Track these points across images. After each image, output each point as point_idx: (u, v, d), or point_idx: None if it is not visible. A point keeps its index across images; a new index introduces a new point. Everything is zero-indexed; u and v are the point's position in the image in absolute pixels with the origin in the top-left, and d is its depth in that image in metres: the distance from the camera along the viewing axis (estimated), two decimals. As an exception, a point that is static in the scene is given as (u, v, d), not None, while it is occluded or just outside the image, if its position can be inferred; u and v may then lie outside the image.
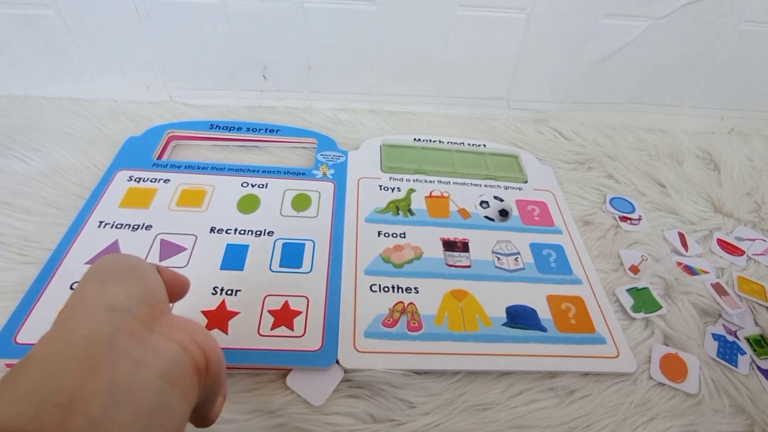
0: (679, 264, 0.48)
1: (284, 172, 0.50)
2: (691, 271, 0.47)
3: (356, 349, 0.36)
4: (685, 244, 0.50)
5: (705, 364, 0.39)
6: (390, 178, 0.52)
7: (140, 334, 0.19)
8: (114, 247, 0.40)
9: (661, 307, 0.43)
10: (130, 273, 0.21)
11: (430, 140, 0.58)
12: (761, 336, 0.42)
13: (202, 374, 0.20)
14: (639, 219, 0.52)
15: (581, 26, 0.56)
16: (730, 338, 0.41)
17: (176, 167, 0.49)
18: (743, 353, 0.40)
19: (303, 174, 0.50)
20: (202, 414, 0.24)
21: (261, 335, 0.36)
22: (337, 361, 0.35)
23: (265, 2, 0.52)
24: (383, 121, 0.61)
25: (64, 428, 0.15)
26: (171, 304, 0.35)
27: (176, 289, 0.25)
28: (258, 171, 0.50)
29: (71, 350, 0.17)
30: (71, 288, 0.37)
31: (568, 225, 0.49)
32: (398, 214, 0.47)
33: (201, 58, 0.56)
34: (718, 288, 0.45)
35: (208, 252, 0.41)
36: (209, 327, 0.35)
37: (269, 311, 0.37)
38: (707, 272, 0.47)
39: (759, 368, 0.39)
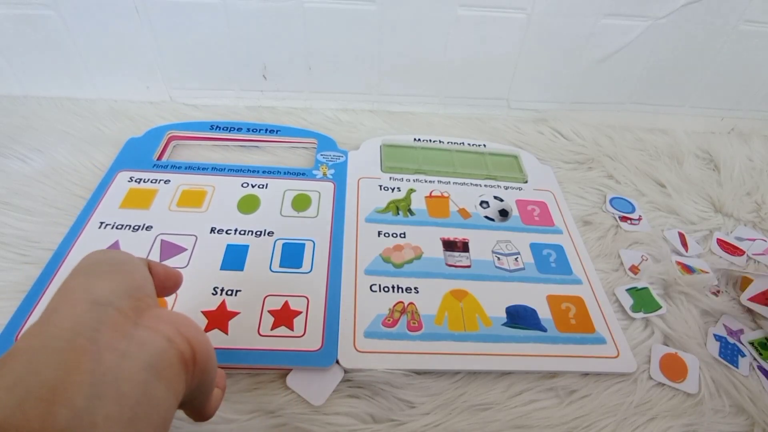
0: (679, 264, 0.48)
1: (284, 173, 0.50)
2: (690, 270, 0.47)
3: (356, 349, 0.36)
4: (685, 244, 0.50)
5: (705, 364, 0.39)
6: (390, 178, 0.52)
7: (124, 327, 0.19)
8: (114, 248, 0.40)
9: (660, 307, 0.43)
10: (116, 268, 0.21)
11: (430, 140, 0.58)
12: (767, 339, 0.41)
13: (188, 366, 0.20)
14: (639, 219, 0.52)
15: (581, 26, 0.56)
16: (731, 340, 0.41)
17: (176, 168, 0.49)
18: (743, 355, 0.40)
19: (303, 174, 0.50)
20: (197, 407, 0.24)
21: (261, 335, 0.36)
22: (337, 361, 0.35)
23: (265, 2, 0.52)
24: (383, 121, 0.61)
25: (48, 421, 0.15)
26: (174, 298, 0.36)
27: (168, 283, 0.25)
28: (258, 171, 0.50)
29: (54, 344, 0.17)
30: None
31: (568, 225, 0.49)
32: (398, 214, 0.48)
33: (201, 58, 0.56)
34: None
35: (209, 252, 0.41)
36: (209, 327, 0.35)
37: (269, 311, 0.37)
38: (707, 272, 0.47)
39: (760, 368, 0.39)
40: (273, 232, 0.43)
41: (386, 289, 0.40)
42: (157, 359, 0.19)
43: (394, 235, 0.45)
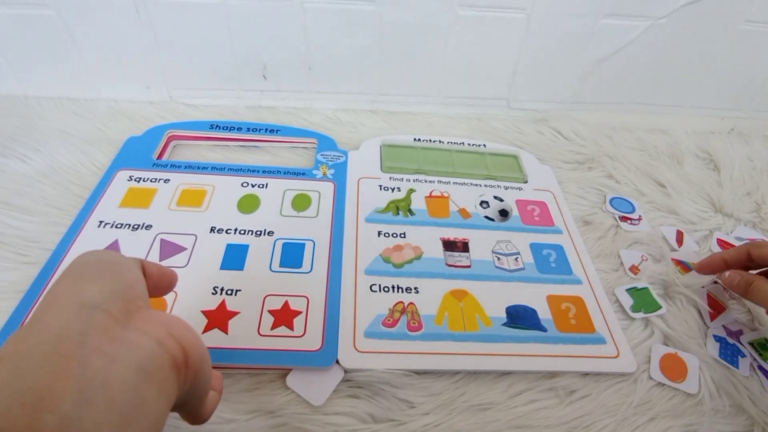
0: (674, 260, 0.48)
1: (284, 172, 0.50)
2: (685, 266, 0.47)
3: (356, 349, 0.36)
4: (679, 241, 0.50)
5: (705, 364, 0.39)
6: (390, 178, 0.52)
7: (114, 330, 0.19)
8: (114, 247, 0.40)
9: (660, 307, 0.43)
10: (107, 269, 0.21)
11: (430, 140, 0.58)
12: (766, 339, 0.41)
13: (180, 369, 0.20)
14: (639, 219, 0.52)
15: (581, 26, 0.56)
16: (731, 340, 0.41)
17: (176, 167, 0.49)
18: (743, 355, 0.40)
19: (303, 174, 0.50)
20: (192, 410, 0.23)
21: (261, 335, 0.36)
22: (337, 361, 0.35)
23: (265, 2, 0.52)
24: (383, 121, 0.61)
25: (34, 427, 0.15)
26: (174, 297, 0.36)
27: (162, 283, 0.25)
28: (258, 171, 0.50)
29: (40, 348, 0.17)
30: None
31: (568, 225, 0.49)
32: (398, 214, 0.47)
33: (201, 58, 0.56)
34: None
35: (208, 252, 0.41)
36: (209, 327, 0.35)
37: (269, 311, 0.37)
38: None
39: (761, 368, 0.39)
40: (273, 232, 0.43)
41: (386, 289, 0.40)
42: (148, 362, 0.19)
43: (394, 235, 0.45)
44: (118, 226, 0.42)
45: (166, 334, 0.20)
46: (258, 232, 0.43)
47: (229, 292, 0.38)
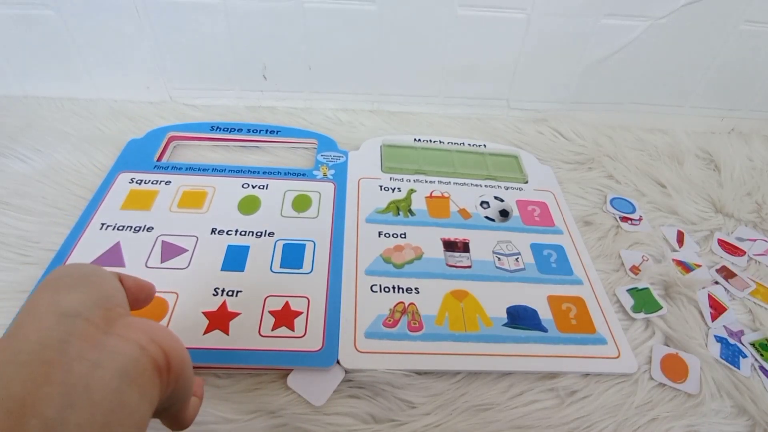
0: (675, 261, 0.48)
1: (285, 173, 0.50)
2: (687, 267, 0.47)
3: (357, 349, 0.36)
4: (680, 241, 0.50)
5: (706, 365, 0.39)
6: (390, 178, 0.52)
7: (95, 337, 0.19)
8: (116, 249, 0.40)
9: (661, 308, 0.43)
10: (84, 279, 0.21)
11: (430, 140, 0.58)
12: (767, 340, 0.41)
13: (162, 373, 0.20)
14: (639, 219, 0.52)
15: (581, 26, 0.56)
16: (732, 341, 0.41)
17: (177, 169, 0.49)
18: (744, 356, 0.40)
19: (303, 175, 0.50)
20: (174, 415, 0.24)
21: (262, 336, 0.36)
22: (338, 362, 0.35)
23: (265, 2, 0.52)
24: (383, 121, 0.61)
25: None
26: (175, 299, 0.36)
27: (141, 295, 0.25)
28: (258, 172, 0.50)
29: (21, 357, 0.17)
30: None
31: (568, 225, 0.49)
32: (399, 214, 0.47)
33: (201, 58, 0.56)
34: (724, 271, 0.45)
35: (209, 253, 0.41)
36: (210, 328, 0.35)
37: (270, 312, 0.37)
38: (700, 265, 0.47)
39: (762, 369, 0.39)
40: (273, 233, 0.43)
41: (387, 289, 0.40)
42: (130, 367, 0.19)
43: (395, 236, 0.45)
44: (120, 228, 0.42)
45: (147, 340, 0.20)
46: (258, 233, 0.43)
47: (230, 293, 0.38)
